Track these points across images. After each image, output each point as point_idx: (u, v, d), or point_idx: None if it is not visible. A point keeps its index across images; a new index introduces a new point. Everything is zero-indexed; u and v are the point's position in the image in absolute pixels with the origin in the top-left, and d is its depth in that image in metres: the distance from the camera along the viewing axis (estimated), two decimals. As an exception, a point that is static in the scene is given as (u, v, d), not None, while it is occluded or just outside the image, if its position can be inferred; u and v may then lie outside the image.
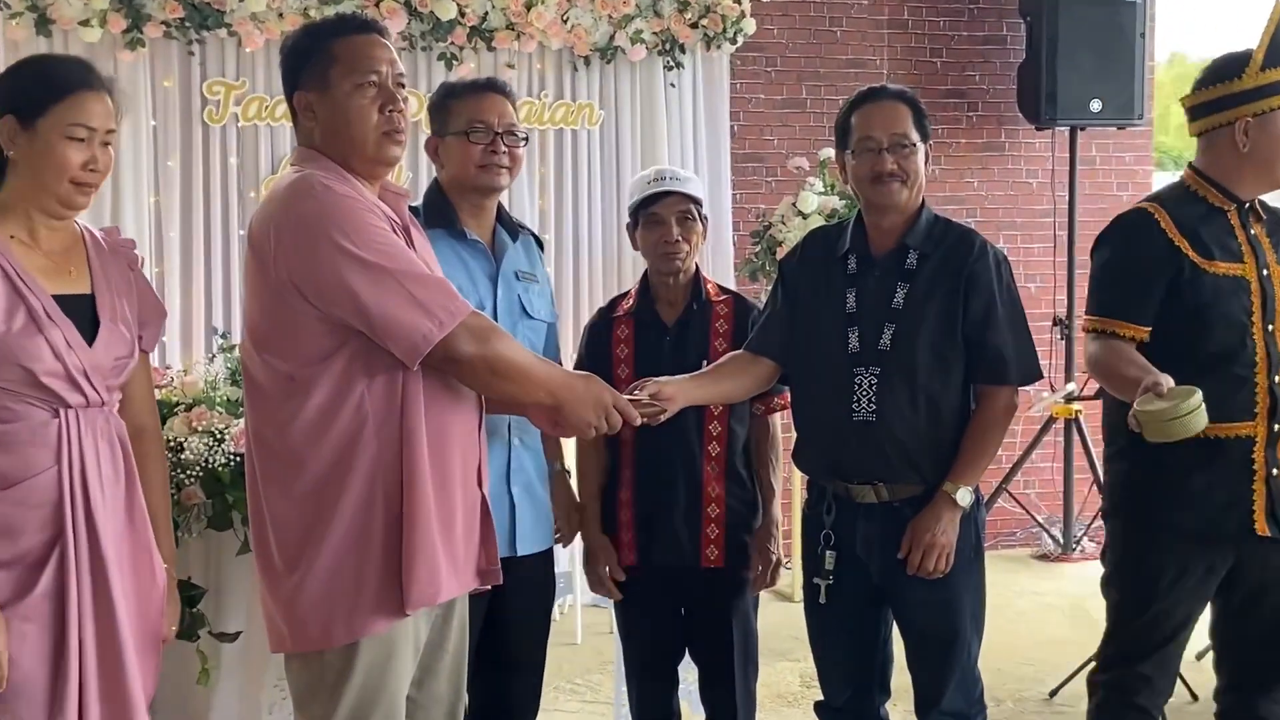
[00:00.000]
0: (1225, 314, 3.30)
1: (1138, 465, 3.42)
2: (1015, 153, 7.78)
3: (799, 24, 7.39)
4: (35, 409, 2.65)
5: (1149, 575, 3.44)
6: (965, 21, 7.67)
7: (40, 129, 2.69)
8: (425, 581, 2.86)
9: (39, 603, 2.61)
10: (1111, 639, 3.59)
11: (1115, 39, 7.19)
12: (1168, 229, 3.38)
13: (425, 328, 2.74)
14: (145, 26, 6.13)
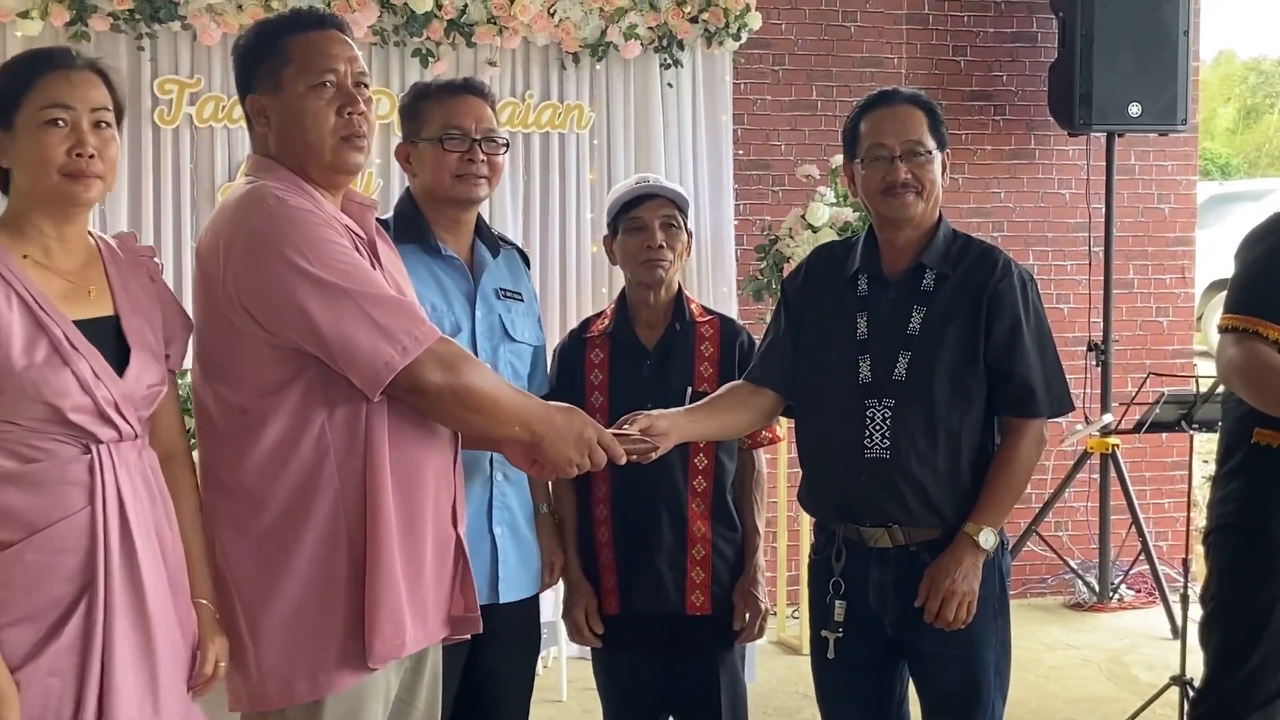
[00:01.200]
0: None
1: (1260, 484, 3.45)
2: (1046, 161, 7.79)
3: (809, 19, 7.42)
4: (64, 446, 2.63)
5: (1262, 607, 3.46)
6: (992, 17, 7.69)
7: (18, 125, 2.67)
8: (390, 633, 2.86)
9: (65, 655, 2.60)
10: (1211, 689, 3.61)
11: (1156, 36, 7.21)
12: None
13: (387, 354, 2.75)
14: (91, 18, 6.13)
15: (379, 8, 6.34)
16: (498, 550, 3.54)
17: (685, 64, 6.85)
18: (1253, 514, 3.46)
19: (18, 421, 2.59)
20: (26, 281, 2.63)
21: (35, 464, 2.61)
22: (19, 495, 2.59)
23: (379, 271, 2.94)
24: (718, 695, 3.76)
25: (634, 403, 3.47)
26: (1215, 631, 3.53)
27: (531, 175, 6.74)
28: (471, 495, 3.37)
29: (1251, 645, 3.42)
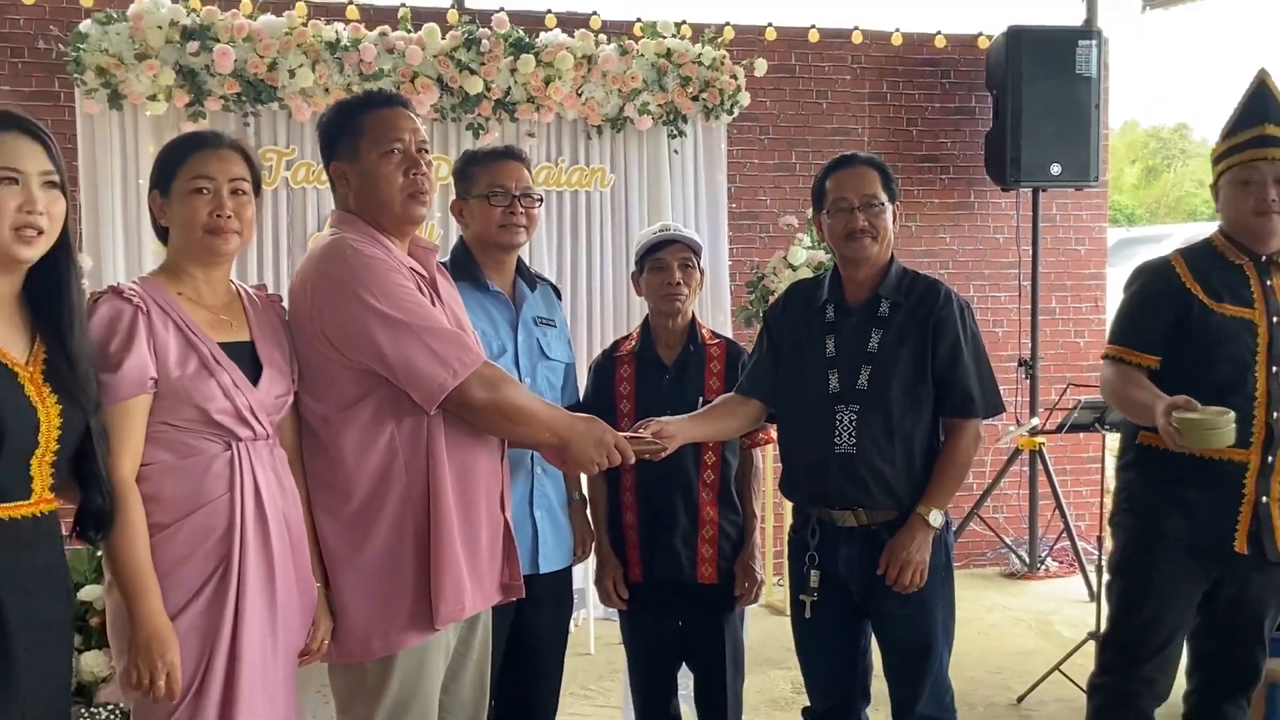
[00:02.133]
0: (1230, 351, 3.34)
1: (1145, 476, 3.48)
2: (983, 212, 7.80)
3: (788, 97, 7.43)
4: (210, 443, 2.66)
5: (1146, 577, 3.47)
6: (938, 94, 7.70)
7: (174, 193, 2.73)
8: (452, 600, 2.90)
9: (201, 616, 2.63)
10: (1110, 641, 3.61)
11: (1073, 109, 7.22)
12: (1182, 275, 3.45)
13: (441, 377, 2.80)
14: (206, 100, 6.15)
15: (439, 90, 6.37)
16: (538, 530, 3.54)
17: (688, 134, 6.86)
18: (1140, 500, 3.49)
19: (173, 423, 2.63)
20: (180, 312, 2.68)
21: (188, 458, 2.65)
22: (174, 484, 2.63)
23: (438, 305, 2.97)
24: (723, 648, 3.76)
25: (656, 409, 3.48)
26: (1114, 592, 3.55)
27: (563, 225, 6.74)
28: (516, 486, 3.38)
29: (1141, 604, 3.44)
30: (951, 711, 3.46)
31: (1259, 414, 3.29)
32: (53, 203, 2.34)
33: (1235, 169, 3.37)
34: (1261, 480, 3.28)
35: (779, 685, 4.88)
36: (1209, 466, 3.32)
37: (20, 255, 2.30)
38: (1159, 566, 3.44)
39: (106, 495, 2.47)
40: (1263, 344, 3.31)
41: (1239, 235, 3.40)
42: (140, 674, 2.56)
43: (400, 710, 2.91)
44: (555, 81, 6.48)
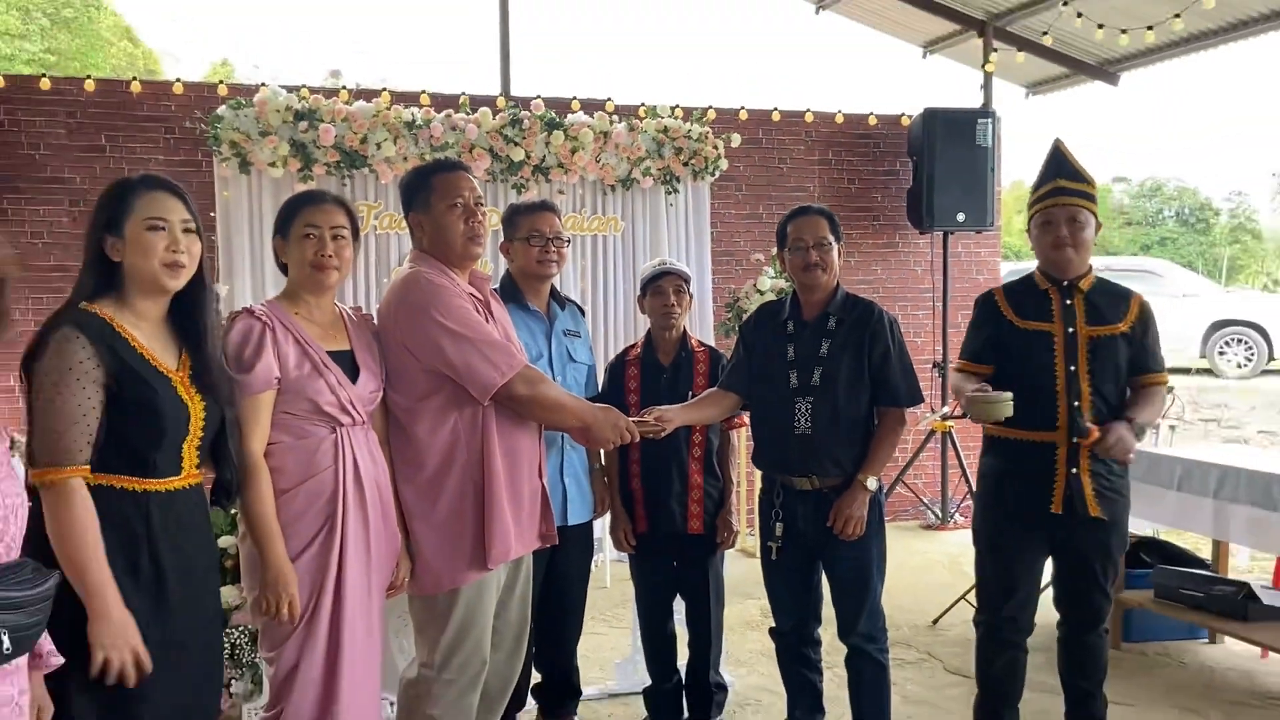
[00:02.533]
0: (1033, 356, 3.33)
1: (990, 458, 3.48)
2: (906, 250, 7.80)
3: (757, 162, 7.44)
4: (319, 428, 2.68)
5: (994, 540, 3.47)
6: (870, 160, 7.71)
7: (291, 237, 2.76)
8: (501, 546, 2.92)
9: (312, 561, 2.65)
10: (980, 588, 3.60)
11: (973, 171, 7.24)
12: (1000, 304, 3.46)
13: (492, 376, 2.84)
14: (313, 167, 6.16)
15: (490, 158, 6.38)
16: (566, 492, 3.55)
17: (680, 191, 6.85)
18: (989, 478, 3.48)
19: (291, 412, 2.65)
20: (297, 327, 2.71)
21: (303, 439, 2.67)
22: (292, 459, 2.65)
23: (491, 322, 2.99)
24: (707, 583, 3.77)
25: (656, 400, 3.48)
26: (977, 551, 3.56)
27: (586, 260, 6.73)
28: (550, 458, 3.39)
29: (994, 559, 3.47)
30: (883, 630, 3.45)
31: (1060, 404, 3.26)
32: (191, 244, 2.34)
33: (1038, 214, 3.35)
34: (1070, 455, 3.25)
35: (751, 611, 4.89)
36: (1030, 447, 3.32)
37: (168, 285, 2.31)
38: (1002, 530, 3.43)
39: (235, 472, 2.48)
40: (1059, 349, 3.28)
41: (1046, 266, 3.38)
42: (269, 603, 2.57)
43: (464, 631, 2.92)
44: (579, 151, 6.49)
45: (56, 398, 2.14)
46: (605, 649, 4.62)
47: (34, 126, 6.30)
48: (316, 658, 2.65)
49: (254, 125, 6.07)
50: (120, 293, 2.30)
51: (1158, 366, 3.33)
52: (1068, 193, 3.31)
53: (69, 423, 2.14)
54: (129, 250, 2.28)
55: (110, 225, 2.28)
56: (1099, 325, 3.29)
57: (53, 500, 2.13)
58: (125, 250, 2.28)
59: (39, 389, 2.16)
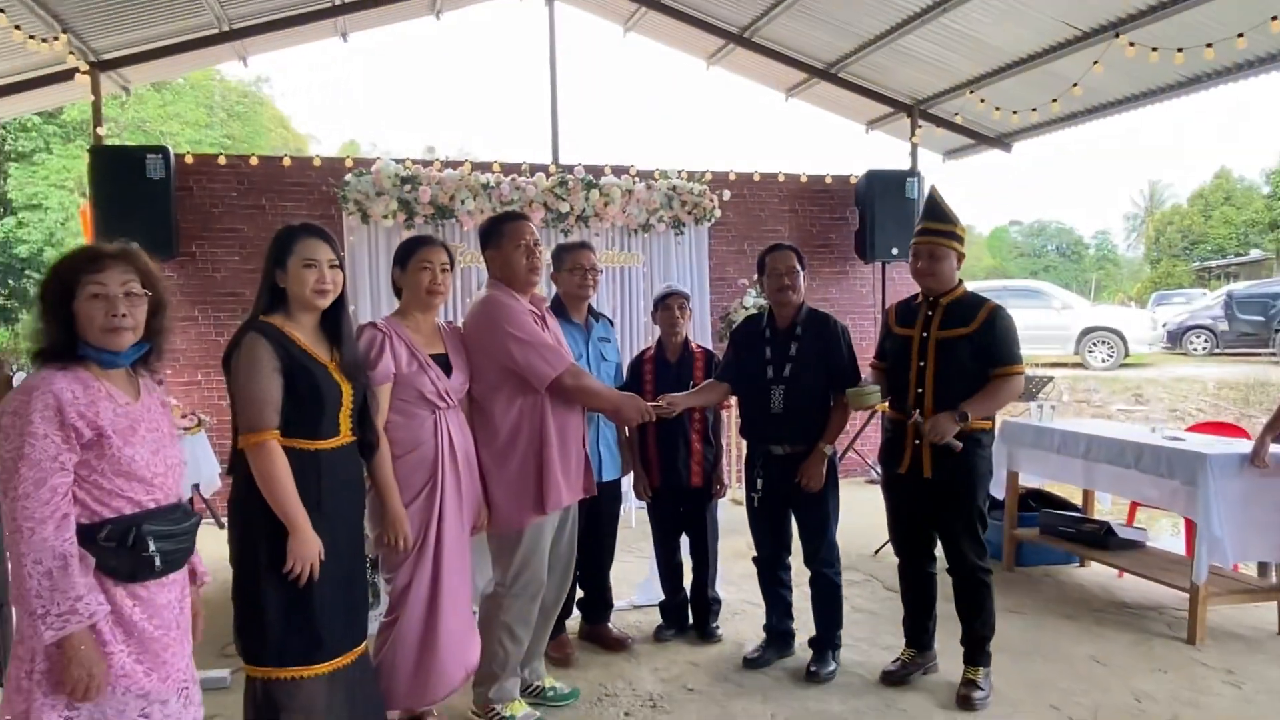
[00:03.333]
0: (898, 355, 3.28)
1: (882, 433, 3.40)
2: (855, 276, 7.72)
3: (742, 211, 7.39)
4: (423, 411, 2.70)
5: (885, 492, 3.41)
6: (828, 209, 7.63)
7: (409, 269, 2.77)
8: (555, 496, 2.91)
9: (419, 512, 2.67)
10: (888, 528, 3.48)
11: (904, 217, 7.14)
12: (890, 315, 3.41)
13: (548, 371, 2.83)
14: (415, 218, 6.20)
15: (544, 210, 6.39)
16: (601, 457, 3.53)
17: (685, 233, 6.84)
18: (880, 449, 3.42)
19: (404, 399, 2.67)
20: (408, 336, 2.72)
21: (411, 419, 2.68)
22: (403, 433, 2.66)
23: (546, 332, 2.97)
24: (705, 523, 3.77)
25: (667, 389, 3.47)
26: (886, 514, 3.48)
27: (615, 286, 6.71)
28: (589, 432, 3.33)
29: (889, 511, 3.41)
30: (838, 559, 3.45)
31: (910, 391, 3.20)
32: (335, 275, 2.36)
33: (913, 248, 3.26)
34: (916, 430, 3.16)
35: (738, 545, 4.86)
36: (894, 423, 3.28)
37: (318, 305, 2.34)
38: (887, 485, 3.39)
39: (374, 436, 2.51)
40: (914, 349, 3.21)
41: (919, 284, 3.28)
42: (389, 538, 2.60)
43: (527, 559, 2.93)
44: (610, 204, 6.50)
45: (251, 382, 2.20)
46: (630, 573, 4.62)
47: (214, 192, 6.34)
48: (425, 577, 2.68)
49: (372, 188, 6.11)
50: (286, 309, 2.34)
51: (1005, 360, 3.11)
52: (932, 233, 3.21)
53: (263, 399, 2.19)
54: (291, 280, 2.32)
55: (278, 262, 2.33)
56: (948, 330, 3.16)
57: (256, 456, 2.19)
58: (288, 280, 2.32)
59: (237, 377, 2.22)
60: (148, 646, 1.87)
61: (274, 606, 2.23)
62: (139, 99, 17.45)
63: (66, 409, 1.77)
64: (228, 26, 6.30)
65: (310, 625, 2.26)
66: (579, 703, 3.22)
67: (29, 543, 1.72)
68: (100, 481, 1.81)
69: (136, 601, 1.87)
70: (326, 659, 2.29)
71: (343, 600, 2.34)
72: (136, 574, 1.85)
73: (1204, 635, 3.75)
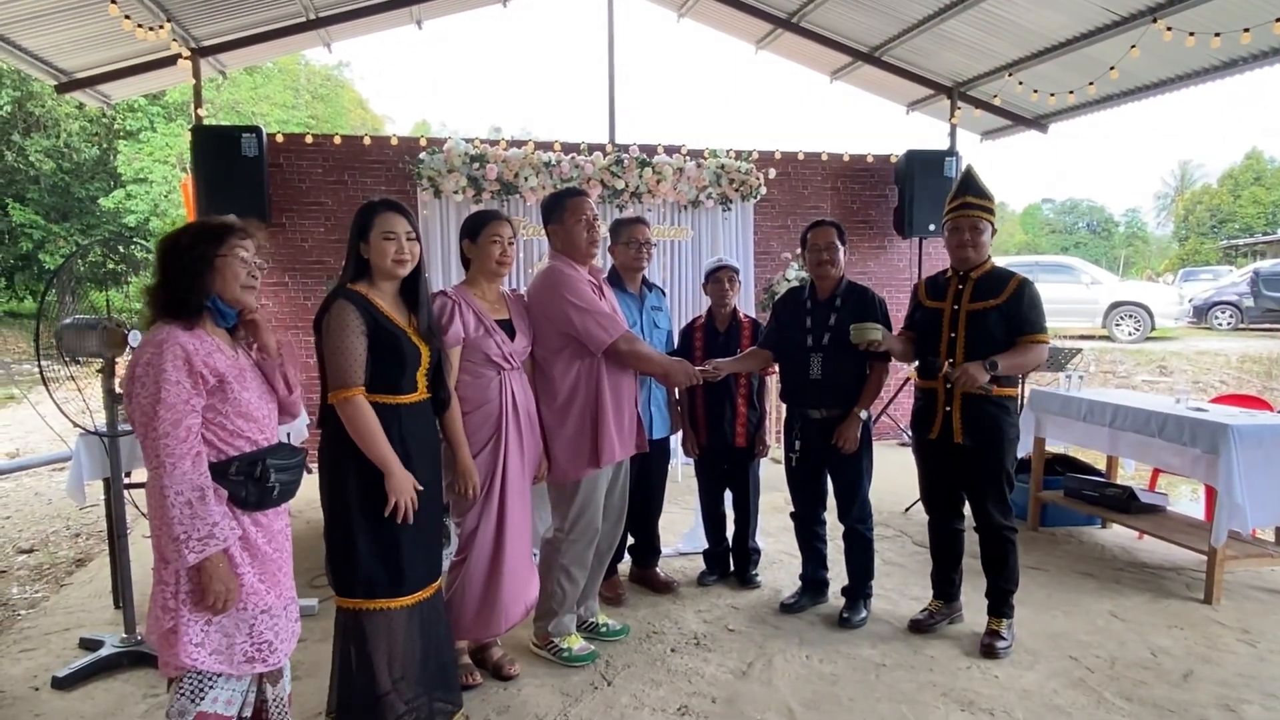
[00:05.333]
0: (929, 327, 3.24)
1: (915, 400, 3.34)
2: (893, 251, 7.57)
3: (787, 189, 7.28)
4: (489, 372, 2.71)
5: (917, 455, 3.38)
6: (869, 187, 7.48)
7: (479, 241, 2.76)
8: (609, 451, 2.92)
9: (487, 458, 2.70)
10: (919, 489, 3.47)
11: (941, 195, 6.95)
12: (920, 289, 3.36)
13: (604, 337, 2.83)
14: (482, 194, 6.21)
15: (601, 186, 6.36)
16: (652, 416, 3.53)
17: (733, 209, 6.76)
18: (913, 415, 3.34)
19: (472, 360, 2.68)
20: (475, 303, 2.73)
21: (479, 378, 2.70)
22: (473, 391, 2.68)
23: (603, 300, 2.96)
24: (748, 480, 3.77)
25: (715, 355, 3.48)
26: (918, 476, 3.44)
27: (667, 258, 6.66)
28: (641, 393, 3.36)
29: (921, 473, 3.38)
30: (870, 515, 3.42)
31: (941, 361, 3.13)
32: (413, 247, 2.39)
33: (949, 221, 3.18)
34: (946, 397, 3.13)
35: (777, 500, 4.85)
36: (925, 392, 3.22)
37: (398, 274, 2.37)
38: (919, 449, 3.34)
39: (446, 393, 2.53)
40: (945, 321, 3.16)
41: (953, 261, 3.22)
42: (460, 486, 2.64)
43: (584, 507, 2.96)
44: (663, 182, 6.44)
45: (341, 343, 2.25)
46: (677, 523, 4.66)
47: (301, 169, 6.42)
48: (490, 522, 2.73)
49: (443, 165, 6.13)
50: (370, 278, 2.38)
51: (1032, 328, 3.04)
52: (972, 207, 3.14)
53: (351, 359, 2.25)
54: (373, 252, 2.35)
55: (361, 234, 2.37)
56: (978, 302, 3.11)
57: (347, 411, 2.26)
58: (371, 252, 2.35)
59: (328, 339, 2.28)
60: (267, 567, 2.01)
61: (364, 545, 2.30)
62: (233, 82, 17.73)
63: (194, 358, 1.88)
64: (314, 15, 6.34)
65: (395, 562, 2.33)
66: (629, 638, 3.27)
67: (171, 476, 1.82)
68: (224, 423, 1.93)
69: (259, 528, 1.99)
70: (408, 593, 2.36)
71: (423, 540, 2.40)
72: (263, 503, 1.97)
73: (1220, 595, 3.66)
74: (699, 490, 3.93)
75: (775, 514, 4.70)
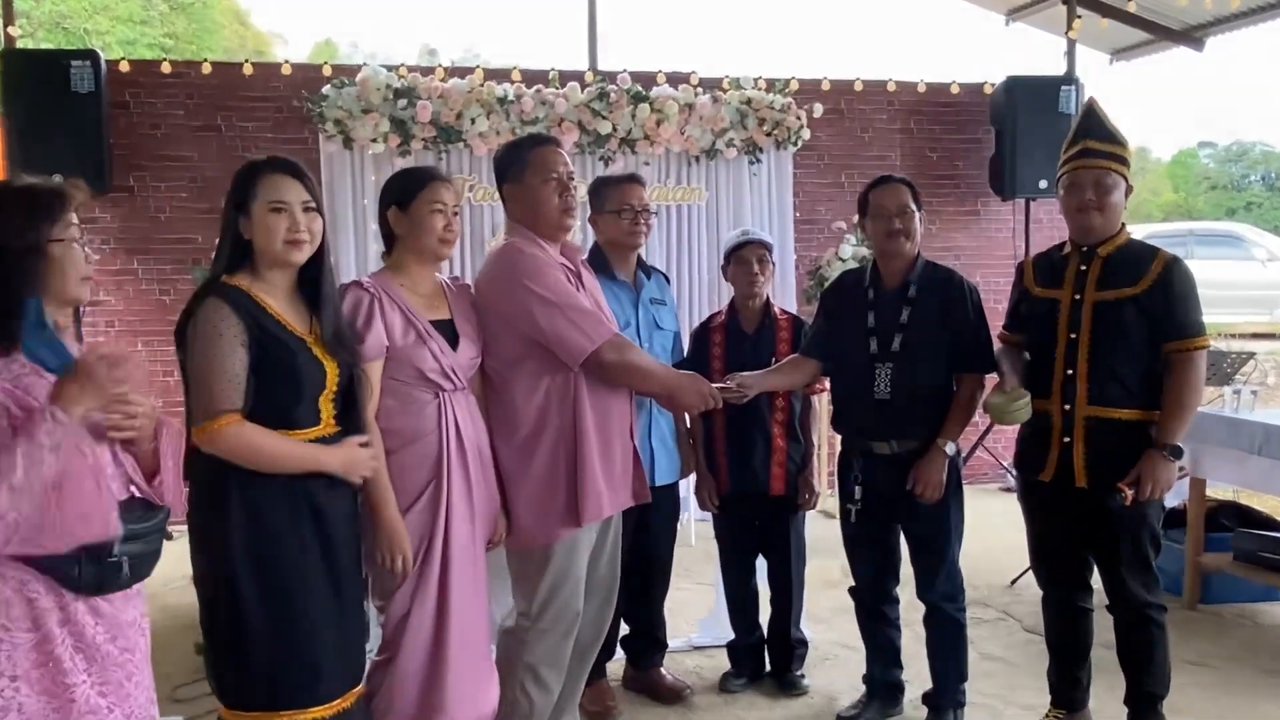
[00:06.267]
0: (1037, 324, 3.26)
1: (1021, 428, 3.35)
2: (988, 217, 7.64)
3: (839, 132, 7.34)
4: (424, 394, 2.72)
5: (1023, 505, 3.45)
6: (952, 129, 7.55)
7: (412, 210, 2.76)
8: (593, 505, 2.93)
9: (420, 516, 2.70)
10: (1029, 552, 3.53)
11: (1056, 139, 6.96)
12: (1026, 270, 3.39)
13: (581, 343, 2.83)
14: (411, 142, 6.24)
15: (579, 131, 6.40)
16: (654, 454, 3.56)
17: (763, 161, 6.81)
18: (1016, 449, 3.40)
19: (398, 378, 2.69)
20: (402, 299, 2.73)
21: (408, 404, 2.70)
22: (399, 422, 2.69)
23: (581, 291, 2.98)
24: (789, 542, 3.79)
25: (739, 367, 3.47)
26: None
27: (670, 230, 6.71)
28: (639, 421, 3.37)
29: (1029, 529, 3.44)
30: (961, 590, 3.44)
31: (1056, 371, 3.14)
32: (312, 222, 2.39)
33: (1065, 176, 3.20)
34: (1065, 424, 3.12)
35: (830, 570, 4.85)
36: (1034, 417, 3.20)
37: (292, 260, 2.38)
38: (1026, 497, 3.38)
39: (362, 426, 2.53)
40: (1063, 317, 3.16)
41: (1071, 231, 3.22)
42: (383, 557, 2.63)
43: (558, 584, 2.95)
44: (664, 123, 6.48)
45: (208, 359, 2.26)
46: (690, 604, 4.66)
47: (155, 108, 6.46)
48: (428, 606, 2.72)
49: (356, 104, 6.17)
50: (253, 267, 2.39)
51: (1186, 331, 3.04)
52: (1096, 154, 3.16)
53: (222, 379, 2.26)
54: (257, 230, 2.37)
55: (239, 206, 2.38)
56: (1108, 290, 3.11)
57: (224, 443, 2.26)
58: (254, 230, 2.37)
59: (193, 353, 2.29)
60: (111, 674, 1.99)
61: (261, 632, 2.30)
62: (57, -12, 17.76)
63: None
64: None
65: (308, 654, 2.34)
66: (623, 769, 3.28)
67: None
68: None
69: (99, 620, 1.98)
70: (325, 700, 2.37)
71: (337, 627, 2.41)
72: (104, 585, 1.97)
73: None
74: (720, 557, 3.95)
75: (827, 590, 4.71)
